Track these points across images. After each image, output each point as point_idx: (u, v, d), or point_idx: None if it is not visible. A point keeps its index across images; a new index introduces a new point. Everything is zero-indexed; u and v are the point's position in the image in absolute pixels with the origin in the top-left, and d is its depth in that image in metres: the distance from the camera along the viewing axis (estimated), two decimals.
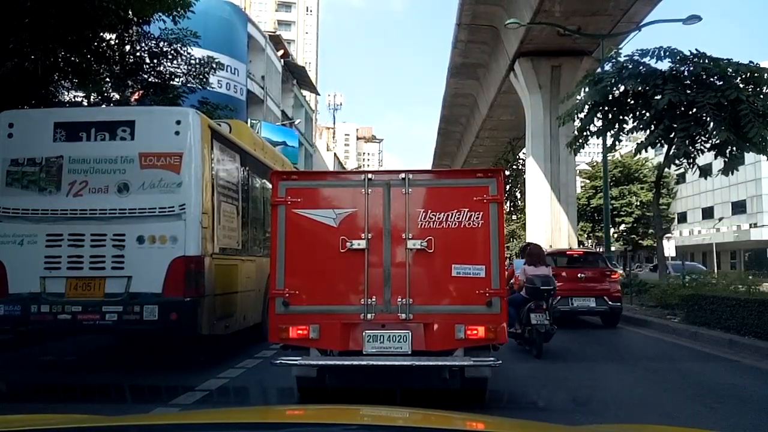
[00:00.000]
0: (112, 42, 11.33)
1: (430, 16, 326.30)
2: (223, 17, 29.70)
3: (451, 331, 4.83)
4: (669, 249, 19.77)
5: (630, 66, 13.47)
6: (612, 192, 33.84)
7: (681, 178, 49.56)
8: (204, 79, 13.71)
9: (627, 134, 15.27)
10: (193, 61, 13.34)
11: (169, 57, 12.62)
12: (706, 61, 13.02)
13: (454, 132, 41.77)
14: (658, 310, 12.82)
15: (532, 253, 8.47)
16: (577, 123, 15.19)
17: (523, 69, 23.54)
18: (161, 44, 12.38)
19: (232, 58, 29.44)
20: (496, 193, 4.97)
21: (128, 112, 7.97)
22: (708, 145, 13.80)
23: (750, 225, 50.76)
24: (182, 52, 12.79)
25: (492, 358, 4.80)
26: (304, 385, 5.10)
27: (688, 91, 12.87)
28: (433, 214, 4.96)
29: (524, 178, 29.28)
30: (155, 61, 12.50)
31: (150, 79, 12.71)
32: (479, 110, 33.57)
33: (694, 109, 12.92)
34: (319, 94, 72.79)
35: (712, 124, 12.79)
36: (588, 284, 11.26)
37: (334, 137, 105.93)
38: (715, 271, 33.59)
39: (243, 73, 31.70)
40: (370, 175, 5.11)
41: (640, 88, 13.25)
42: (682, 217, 60.96)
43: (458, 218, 4.93)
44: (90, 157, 6.43)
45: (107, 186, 6.36)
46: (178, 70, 13.07)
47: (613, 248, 29.81)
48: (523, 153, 32.52)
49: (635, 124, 14.40)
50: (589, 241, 43.86)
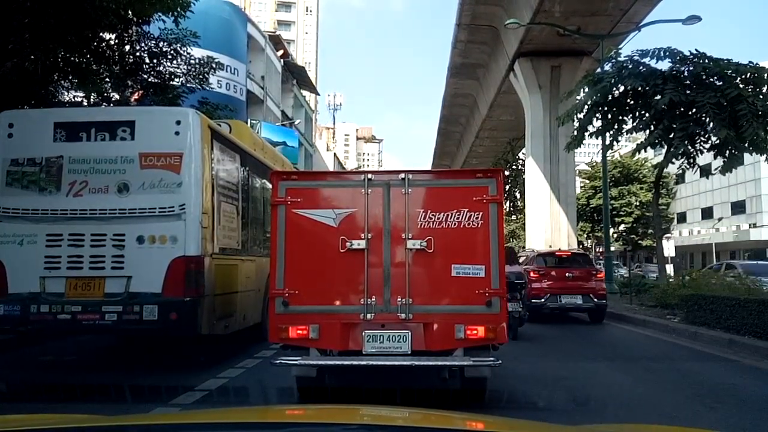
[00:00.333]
0: (112, 42, 11.31)
1: (430, 16, 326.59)
2: (222, 17, 29.68)
3: (450, 331, 4.82)
4: (669, 249, 19.75)
5: (630, 66, 13.49)
6: (611, 192, 33.82)
7: (680, 178, 49.50)
8: (204, 79, 13.70)
9: (626, 134, 15.30)
10: (192, 61, 13.32)
11: (169, 57, 12.60)
12: (706, 61, 13.03)
13: (454, 132, 41.79)
14: (657, 309, 12.85)
15: (507, 254, 9.29)
16: (577, 123, 15.21)
17: (523, 69, 23.56)
18: (161, 44, 12.36)
19: (232, 58, 29.44)
20: (496, 194, 4.96)
21: (128, 112, 7.96)
22: (707, 145, 13.82)
23: (749, 225, 50.75)
24: (182, 52, 12.77)
25: (492, 358, 4.80)
26: (303, 385, 5.09)
27: (688, 91, 12.88)
28: (432, 214, 4.96)
29: (524, 179, 29.29)
30: (155, 61, 12.48)
31: (150, 79, 12.69)
32: (479, 110, 33.59)
33: (694, 109, 12.93)
34: (318, 94, 72.79)
35: (711, 123, 12.81)
36: (575, 283, 12.14)
37: (333, 137, 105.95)
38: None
39: (243, 73, 31.68)
40: (369, 175, 5.10)
41: (639, 88, 13.26)
42: (682, 217, 60.95)
43: (458, 218, 4.93)
44: (90, 157, 6.42)
45: (107, 186, 6.35)
46: (178, 70, 13.06)
47: (612, 248, 29.80)
48: (523, 153, 32.56)
49: (635, 124, 14.43)
50: (589, 241, 43.87)
